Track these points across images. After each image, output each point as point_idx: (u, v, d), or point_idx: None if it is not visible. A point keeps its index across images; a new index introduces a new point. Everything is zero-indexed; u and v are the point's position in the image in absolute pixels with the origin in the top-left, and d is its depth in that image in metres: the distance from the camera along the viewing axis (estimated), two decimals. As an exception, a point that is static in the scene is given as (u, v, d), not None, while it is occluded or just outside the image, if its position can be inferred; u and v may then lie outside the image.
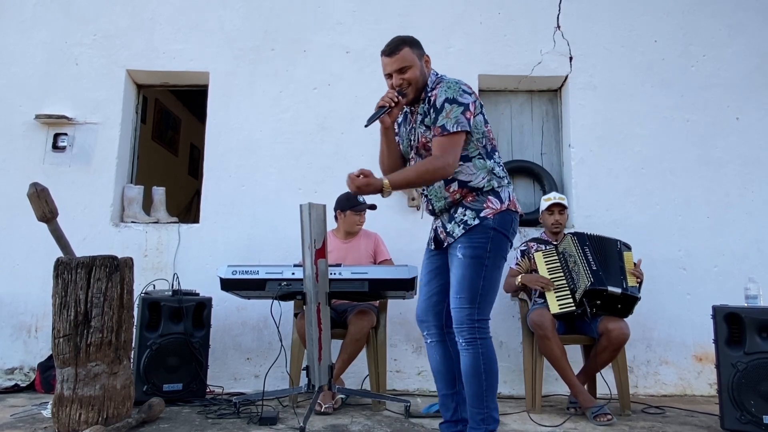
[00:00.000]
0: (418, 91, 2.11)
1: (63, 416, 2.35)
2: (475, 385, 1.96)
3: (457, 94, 2.01)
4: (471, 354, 1.96)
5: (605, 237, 3.17)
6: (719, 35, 4.01)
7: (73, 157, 3.93)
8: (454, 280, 2.01)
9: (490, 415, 1.97)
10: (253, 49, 4.05)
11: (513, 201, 2.12)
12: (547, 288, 3.03)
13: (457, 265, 2.01)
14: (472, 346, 1.96)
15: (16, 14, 4.11)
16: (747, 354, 2.57)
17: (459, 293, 1.98)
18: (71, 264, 2.41)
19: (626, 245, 3.16)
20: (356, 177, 1.94)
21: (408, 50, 2.07)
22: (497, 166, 2.12)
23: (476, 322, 1.98)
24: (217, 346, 3.51)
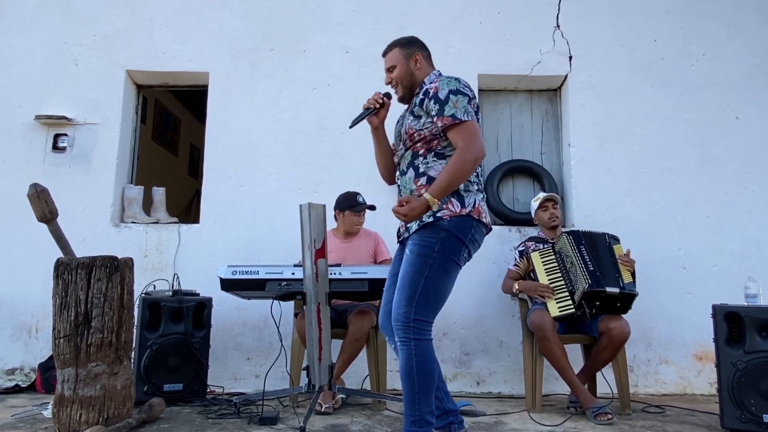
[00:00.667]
0: (408, 89, 2.18)
1: (64, 416, 2.35)
2: (408, 386, 1.92)
3: (461, 87, 2.05)
4: (404, 354, 1.91)
5: (593, 232, 3.17)
6: (718, 34, 4.01)
7: (73, 158, 3.93)
8: (399, 276, 1.99)
9: (423, 418, 1.91)
10: (253, 49, 4.06)
11: (478, 209, 2.03)
12: (548, 297, 3.02)
13: (404, 262, 2.00)
14: (406, 346, 1.90)
15: (15, 15, 4.12)
16: (747, 353, 2.57)
17: (400, 290, 1.95)
18: (71, 264, 2.42)
19: (614, 238, 3.16)
20: (400, 207, 1.89)
21: (397, 50, 2.21)
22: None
23: (412, 321, 1.91)
24: (217, 346, 3.52)
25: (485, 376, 3.66)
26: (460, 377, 3.66)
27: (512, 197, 4.13)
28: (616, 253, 3.07)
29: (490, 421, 2.80)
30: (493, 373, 3.66)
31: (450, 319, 3.68)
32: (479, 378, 3.66)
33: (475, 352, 3.69)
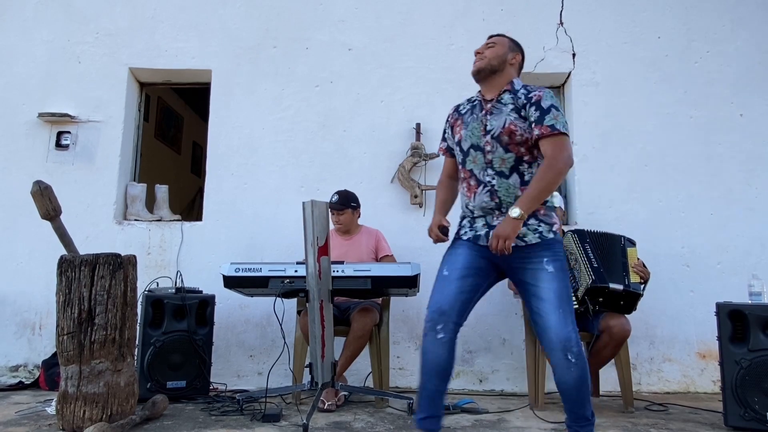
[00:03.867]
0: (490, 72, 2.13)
1: (67, 413, 2.36)
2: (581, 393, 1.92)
3: (559, 104, 2.09)
4: (581, 368, 1.89)
5: (609, 233, 3.16)
6: (722, 31, 3.99)
7: (76, 156, 3.94)
8: (551, 294, 1.91)
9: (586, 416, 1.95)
10: (255, 46, 4.05)
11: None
12: None
13: (551, 278, 1.93)
14: (582, 361, 1.89)
15: (17, 14, 4.12)
16: (751, 351, 2.56)
17: (560, 307, 1.90)
18: (75, 262, 2.42)
19: (630, 241, 3.15)
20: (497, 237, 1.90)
21: (506, 39, 2.21)
22: None
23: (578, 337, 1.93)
24: (220, 344, 3.52)
25: (488, 374, 3.66)
26: (462, 375, 3.66)
27: (515, 195, 4.12)
28: (629, 256, 3.06)
29: (493, 418, 2.80)
30: (495, 370, 3.66)
31: (452, 316, 3.68)
32: (482, 376, 3.66)
33: (478, 350, 3.69)
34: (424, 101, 3.94)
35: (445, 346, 1.97)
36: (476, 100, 2.18)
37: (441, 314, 1.96)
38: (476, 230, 2.06)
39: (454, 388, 3.61)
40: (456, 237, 2.14)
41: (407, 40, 4.03)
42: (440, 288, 2.01)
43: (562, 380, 1.91)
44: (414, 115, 3.89)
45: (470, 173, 2.09)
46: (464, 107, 2.21)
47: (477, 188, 2.06)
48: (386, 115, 3.94)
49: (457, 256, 2.05)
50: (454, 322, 1.97)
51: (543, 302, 1.91)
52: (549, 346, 1.90)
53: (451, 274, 2.01)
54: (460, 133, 2.13)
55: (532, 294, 1.95)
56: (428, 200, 3.80)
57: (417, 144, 3.80)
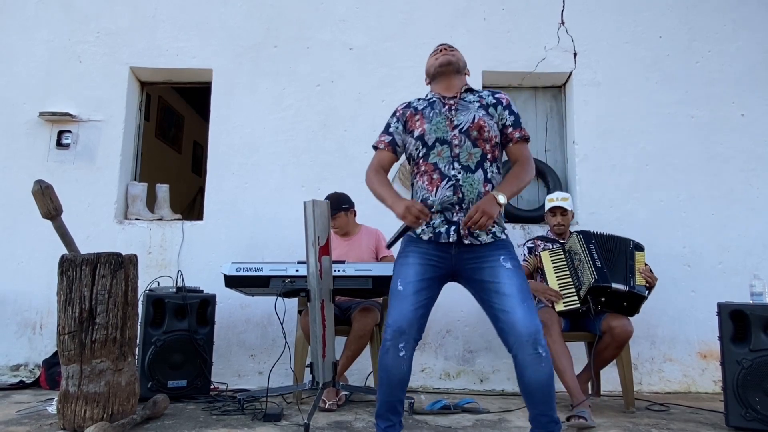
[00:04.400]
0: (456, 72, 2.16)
1: (68, 413, 2.36)
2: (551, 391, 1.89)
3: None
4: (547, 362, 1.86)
5: (617, 236, 3.13)
6: (724, 30, 3.98)
7: (76, 155, 3.94)
8: (513, 289, 1.90)
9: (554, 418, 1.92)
10: (256, 46, 4.05)
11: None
12: (556, 301, 3.00)
13: (510, 275, 1.93)
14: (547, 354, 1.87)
15: (18, 13, 4.12)
16: (752, 351, 2.56)
17: (525, 301, 1.89)
18: (76, 261, 2.42)
19: (639, 246, 3.12)
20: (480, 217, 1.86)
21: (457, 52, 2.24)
22: None
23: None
24: (221, 343, 3.52)
25: (488, 374, 3.66)
26: (463, 374, 3.66)
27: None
28: (637, 259, 3.04)
29: (493, 418, 2.80)
30: (496, 370, 3.66)
31: (453, 316, 3.68)
32: (482, 375, 3.66)
33: (479, 349, 3.69)
34: (425, 101, 3.93)
35: (406, 361, 1.95)
36: (432, 98, 2.16)
37: (401, 333, 1.93)
38: (435, 227, 2.01)
39: (455, 388, 3.61)
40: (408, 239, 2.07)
41: (408, 40, 4.03)
42: (397, 305, 1.96)
43: (533, 378, 1.84)
44: (415, 114, 3.88)
45: (434, 167, 2.04)
46: (418, 104, 2.19)
47: (440, 182, 2.01)
48: (387, 114, 3.87)
49: (408, 267, 2.01)
50: (414, 338, 1.96)
51: (507, 297, 1.89)
52: (518, 341, 1.85)
53: (406, 289, 1.96)
54: (423, 127, 2.09)
55: (493, 291, 1.92)
56: (429, 200, 3.79)
57: (418, 143, 3.79)
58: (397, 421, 2.00)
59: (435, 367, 3.67)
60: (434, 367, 3.67)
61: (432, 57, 2.21)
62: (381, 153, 2.22)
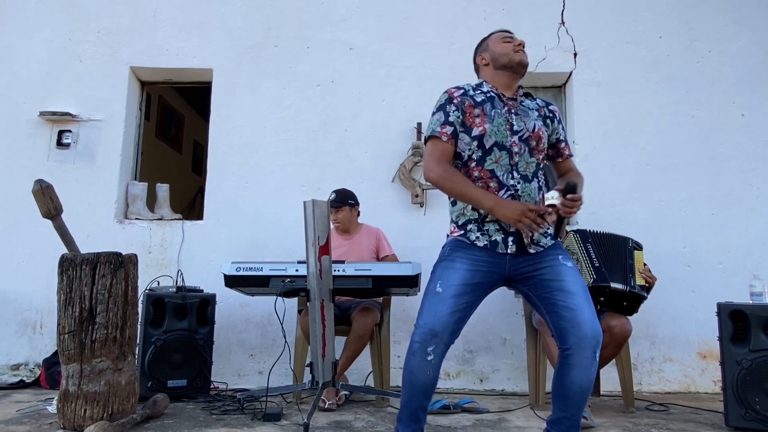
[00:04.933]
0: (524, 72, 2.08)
1: (68, 412, 2.36)
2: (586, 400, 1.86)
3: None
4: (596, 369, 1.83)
5: (615, 234, 3.14)
6: (724, 30, 3.98)
7: (77, 154, 3.94)
8: (578, 288, 1.83)
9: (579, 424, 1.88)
10: (256, 45, 4.05)
11: None
12: None
13: (574, 273, 1.87)
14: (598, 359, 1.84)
15: (18, 13, 4.12)
16: (752, 351, 2.56)
17: (590, 301, 1.82)
18: (76, 260, 2.42)
19: (637, 244, 3.13)
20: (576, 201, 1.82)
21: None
22: None
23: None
24: (221, 343, 3.52)
25: (488, 374, 3.66)
26: (463, 374, 3.66)
27: (516, 194, 4.12)
28: (636, 259, 3.04)
29: (493, 418, 2.80)
30: (496, 370, 3.66)
31: (453, 316, 3.68)
32: (482, 375, 3.66)
33: (479, 349, 3.69)
34: (426, 101, 3.92)
35: (434, 367, 1.85)
36: (491, 92, 1.99)
37: (433, 336, 1.82)
38: (490, 235, 1.89)
39: (454, 388, 3.61)
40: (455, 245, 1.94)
41: (409, 40, 4.03)
42: (432, 306, 1.84)
43: (578, 381, 1.77)
44: (415, 114, 3.89)
45: (490, 174, 1.90)
46: (475, 93, 1.99)
47: (498, 191, 1.89)
48: (387, 114, 3.94)
49: (454, 271, 1.88)
50: (445, 343, 1.85)
51: (573, 295, 1.80)
52: (580, 343, 1.76)
53: (445, 292, 1.84)
54: (484, 126, 1.91)
55: (557, 289, 1.82)
56: (429, 200, 3.80)
57: (418, 143, 3.80)
58: (418, 429, 1.90)
59: (435, 366, 3.67)
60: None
61: (506, 44, 2.03)
62: (444, 145, 1.94)
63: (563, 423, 1.84)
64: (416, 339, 1.84)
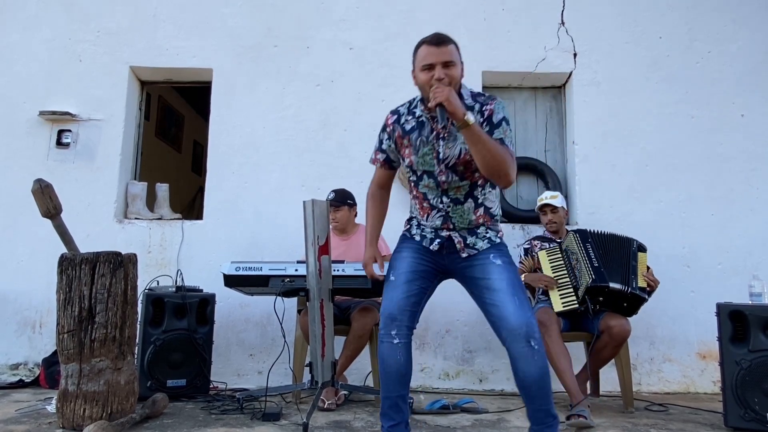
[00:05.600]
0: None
1: (67, 411, 2.36)
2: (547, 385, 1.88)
3: (509, 117, 1.98)
4: (543, 356, 1.86)
5: (619, 235, 3.13)
6: (724, 31, 3.98)
7: (77, 154, 3.94)
8: (503, 284, 1.91)
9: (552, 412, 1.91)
10: (256, 45, 4.05)
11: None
12: (550, 286, 3.02)
13: (500, 270, 1.94)
14: (543, 348, 1.87)
15: (18, 12, 4.12)
16: (751, 351, 2.56)
17: (516, 294, 1.90)
18: (75, 260, 2.42)
19: (642, 246, 3.12)
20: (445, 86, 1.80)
21: (455, 48, 1.96)
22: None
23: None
24: (220, 343, 3.52)
25: (488, 374, 3.66)
26: (462, 374, 3.66)
27: (516, 195, 4.12)
28: (640, 261, 3.03)
29: (492, 418, 2.81)
30: (495, 370, 3.66)
31: (453, 316, 3.68)
32: (482, 375, 3.66)
33: (478, 349, 3.69)
34: (425, 101, 3.93)
35: (401, 349, 1.95)
36: (421, 116, 2.00)
37: (392, 320, 1.95)
38: (423, 232, 2.07)
39: (454, 388, 3.61)
40: (402, 237, 2.14)
41: (409, 40, 3.96)
42: (388, 294, 2.00)
43: (527, 372, 1.84)
44: (415, 114, 3.88)
45: (423, 196, 2.05)
46: (407, 120, 2.04)
47: (431, 211, 2.04)
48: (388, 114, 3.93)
49: (401, 260, 2.05)
50: (407, 326, 1.96)
51: (497, 292, 1.90)
52: (510, 335, 1.85)
53: (397, 279, 2.00)
54: (410, 158, 2.02)
55: (484, 287, 1.94)
56: (429, 200, 3.79)
57: (418, 143, 3.79)
58: (401, 420, 1.97)
59: (434, 366, 3.67)
60: (433, 367, 3.67)
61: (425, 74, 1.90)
62: (378, 171, 2.20)
63: (537, 416, 1.89)
64: (381, 326, 1.98)
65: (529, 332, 1.83)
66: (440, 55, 1.90)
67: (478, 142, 1.82)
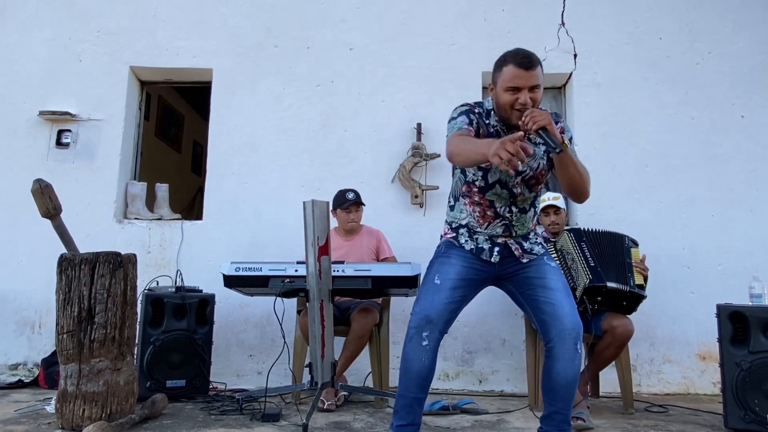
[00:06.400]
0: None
1: (67, 412, 2.36)
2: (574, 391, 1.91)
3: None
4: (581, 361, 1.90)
5: (610, 232, 3.13)
6: (724, 32, 3.98)
7: (76, 154, 3.94)
8: (560, 285, 1.96)
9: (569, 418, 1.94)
10: (256, 46, 4.05)
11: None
12: None
13: (557, 272, 2.00)
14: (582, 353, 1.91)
15: (18, 12, 4.12)
16: (751, 353, 2.56)
17: (569, 297, 1.93)
18: (75, 260, 2.42)
19: (633, 241, 3.13)
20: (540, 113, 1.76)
21: (541, 70, 1.89)
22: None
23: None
24: (220, 343, 3.52)
25: (488, 375, 3.66)
26: (462, 375, 3.66)
27: (516, 195, 4.11)
28: (633, 256, 3.04)
29: (492, 419, 2.80)
30: (495, 371, 3.65)
31: (453, 317, 3.68)
32: (482, 376, 3.66)
33: (478, 350, 3.69)
34: (426, 101, 3.93)
35: (428, 353, 1.91)
36: (497, 127, 1.96)
37: (428, 321, 1.91)
38: (478, 243, 2.03)
39: (454, 389, 3.61)
40: (449, 244, 2.06)
41: (409, 40, 4.03)
42: (429, 295, 1.95)
43: (564, 374, 1.85)
44: (415, 114, 3.89)
45: (489, 204, 2.01)
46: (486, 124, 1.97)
47: (494, 220, 2.02)
48: (387, 114, 3.94)
49: (450, 266, 2.00)
50: (440, 330, 1.93)
51: (554, 291, 1.92)
52: (561, 335, 1.85)
53: (443, 284, 1.96)
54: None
55: (539, 286, 1.95)
56: (429, 200, 3.79)
57: (418, 144, 3.80)
58: (412, 422, 1.95)
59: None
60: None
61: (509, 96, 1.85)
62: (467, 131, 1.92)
63: (554, 418, 1.90)
64: (412, 324, 1.93)
65: (578, 335, 1.87)
66: (528, 79, 1.85)
67: (571, 165, 1.85)
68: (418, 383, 1.94)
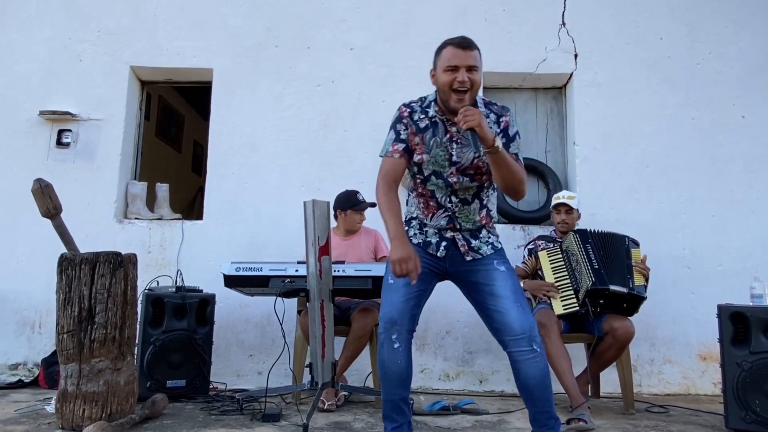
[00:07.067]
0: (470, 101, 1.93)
1: (67, 412, 2.35)
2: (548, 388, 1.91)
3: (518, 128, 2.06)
4: (545, 359, 1.90)
5: (612, 233, 3.12)
6: (725, 32, 3.98)
7: (77, 154, 3.94)
8: (507, 291, 1.94)
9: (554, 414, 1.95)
10: (256, 45, 4.05)
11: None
12: (552, 295, 3.00)
13: (504, 277, 1.98)
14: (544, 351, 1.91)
15: (19, 12, 4.12)
16: (752, 353, 2.55)
17: (518, 301, 1.93)
18: (75, 260, 2.42)
19: (634, 242, 3.12)
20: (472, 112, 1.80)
21: (479, 54, 1.95)
22: None
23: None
24: (220, 343, 3.52)
25: (488, 375, 3.65)
26: (462, 375, 3.65)
27: (516, 195, 4.11)
28: (633, 257, 3.04)
29: (493, 419, 2.80)
30: (495, 371, 3.65)
31: (453, 317, 3.68)
32: (482, 376, 3.66)
33: (478, 350, 3.68)
34: (426, 101, 3.92)
35: (401, 354, 1.93)
36: (435, 117, 2.00)
37: (393, 324, 1.93)
38: (427, 236, 2.06)
39: (454, 389, 3.61)
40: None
41: (409, 40, 4.03)
42: (387, 296, 1.97)
43: (529, 375, 1.87)
44: (415, 115, 3.88)
45: (431, 194, 2.05)
46: (420, 118, 2.02)
47: (436, 210, 2.05)
48: (388, 114, 3.89)
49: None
50: (407, 329, 1.95)
51: (501, 299, 1.93)
52: (513, 338, 1.87)
53: (396, 282, 1.97)
54: (421, 156, 2.00)
55: (488, 293, 1.96)
56: (429, 200, 3.79)
57: (418, 144, 3.79)
58: (404, 421, 1.98)
59: (434, 368, 3.67)
60: (434, 368, 3.67)
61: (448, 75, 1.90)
62: (395, 162, 2.02)
63: (539, 419, 1.92)
64: (381, 330, 1.96)
65: (531, 336, 1.87)
66: (466, 59, 1.91)
67: (503, 165, 1.88)
68: (399, 384, 1.97)
